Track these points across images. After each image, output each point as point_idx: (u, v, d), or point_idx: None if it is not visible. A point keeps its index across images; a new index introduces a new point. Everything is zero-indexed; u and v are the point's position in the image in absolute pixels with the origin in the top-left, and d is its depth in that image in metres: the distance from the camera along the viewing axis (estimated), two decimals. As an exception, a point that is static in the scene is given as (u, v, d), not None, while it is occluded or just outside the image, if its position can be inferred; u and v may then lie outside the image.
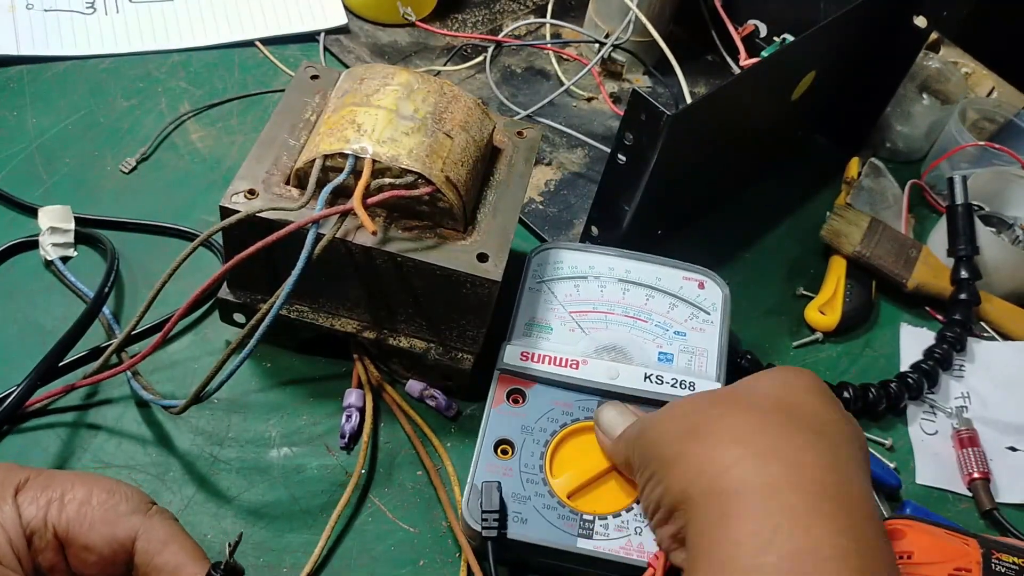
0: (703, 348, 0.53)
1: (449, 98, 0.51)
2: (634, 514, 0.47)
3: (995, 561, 0.46)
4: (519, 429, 0.50)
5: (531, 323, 0.53)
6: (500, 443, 0.49)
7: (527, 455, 0.49)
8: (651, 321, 0.54)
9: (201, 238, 0.47)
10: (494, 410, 0.50)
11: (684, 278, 0.56)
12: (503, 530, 0.46)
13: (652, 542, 0.45)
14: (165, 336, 0.47)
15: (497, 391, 0.51)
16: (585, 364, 0.52)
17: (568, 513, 0.47)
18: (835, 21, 0.59)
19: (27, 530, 0.37)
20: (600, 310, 0.54)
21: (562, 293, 0.55)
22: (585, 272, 0.56)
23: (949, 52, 0.82)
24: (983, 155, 0.72)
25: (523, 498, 0.47)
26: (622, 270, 0.56)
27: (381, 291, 0.50)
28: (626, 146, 0.53)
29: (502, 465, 0.48)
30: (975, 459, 0.57)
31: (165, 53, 0.72)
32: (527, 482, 0.48)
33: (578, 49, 0.78)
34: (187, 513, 0.48)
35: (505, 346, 0.52)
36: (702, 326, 0.54)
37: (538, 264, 0.56)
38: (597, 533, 0.46)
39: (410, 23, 0.76)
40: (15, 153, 0.63)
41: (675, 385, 0.51)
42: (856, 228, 0.66)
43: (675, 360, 0.53)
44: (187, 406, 0.47)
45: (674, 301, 0.55)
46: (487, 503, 0.46)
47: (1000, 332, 0.66)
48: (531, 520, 0.46)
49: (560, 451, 0.49)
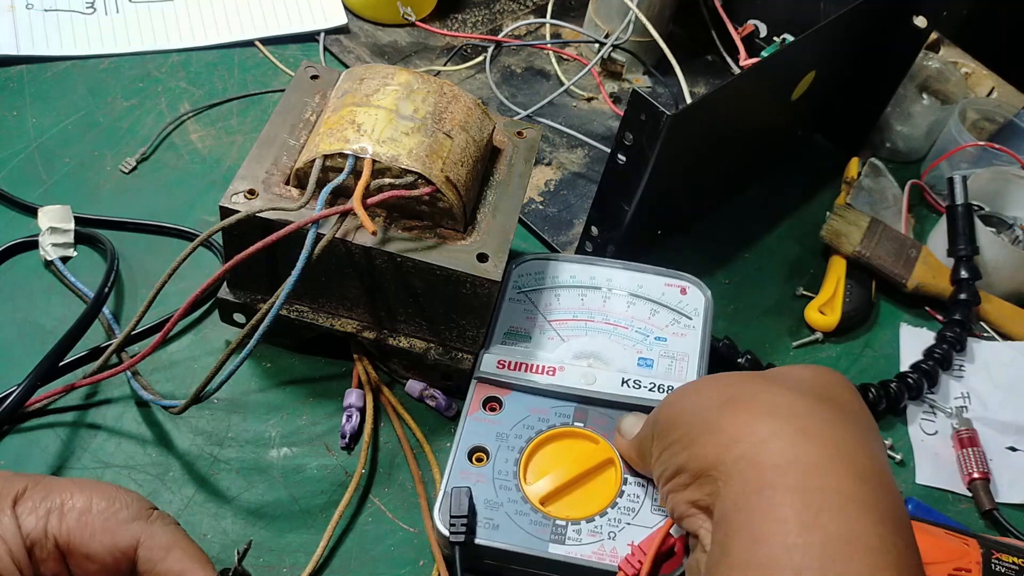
0: (684, 353, 0.53)
1: (449, 98, 0.51)
2: (607, 519, 0.46)
3: (995, 561, 0.46)
4: (494, 436, 0.49)
5: (510, 332, 0.54)
6: (474, 451, 0.49)
7: (501, 462, 0.48)
8: (631, 327, 0.54)
9: (201, 238, 0.47)
10: (470, 418, 0.50)
11: (666, 284, 0.56)
12: (472, 535, 0.45)
13: (625, 546, 0.45)
14: (165, 336, 0.47)
15: (473, 399, 0.51)
16: (561, 371, 0.52)
17: (541, 519, 0.46)
18: (835, 21, 0.59)
19: (27, 541, 0.37)
20: (580, 318, 0.54)
21: (542, 303, 0.55)
22: (566, 282, 0.56)
23: (949, 52, 0.82)
24: (983, 155, 0.72)
25: (495, 504, 0.46)
26: (603, 279, 0.56)
27: (381, 291, 0.50)
28: (626, 146, 0.53)
29: (475, 472, 0.48)
30: (975, 459, 0.57)
31: (165, 53, 0.72)
32: (500, 488, 0.47)
33: (578, 49, 0.78)
34: (187, 513, 0.48)
35: (482, 354, 0.52)
36: (683, 331, 0.54)
37: (519, 275, 0.56)
38: (570, 539, 0.46)
39: (410, 23, 0.76)
40: (15, 153, 0.63)
41: (653, 389, 0.51)
42: (856, 228, 0.66)
43: (655, 365, 0.53)
44: (187, 406, 0.47)
45: (655, 307, 0.55)
46: (456, 508, 0.45)
47: (1000, 332, 0.66)
48: (503, 526, 0.46)
49: (535, 458, 0.49)
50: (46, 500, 0.38)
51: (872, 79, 0.71)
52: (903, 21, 0.66)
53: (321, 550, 0.47)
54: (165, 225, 0.60)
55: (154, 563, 0.38)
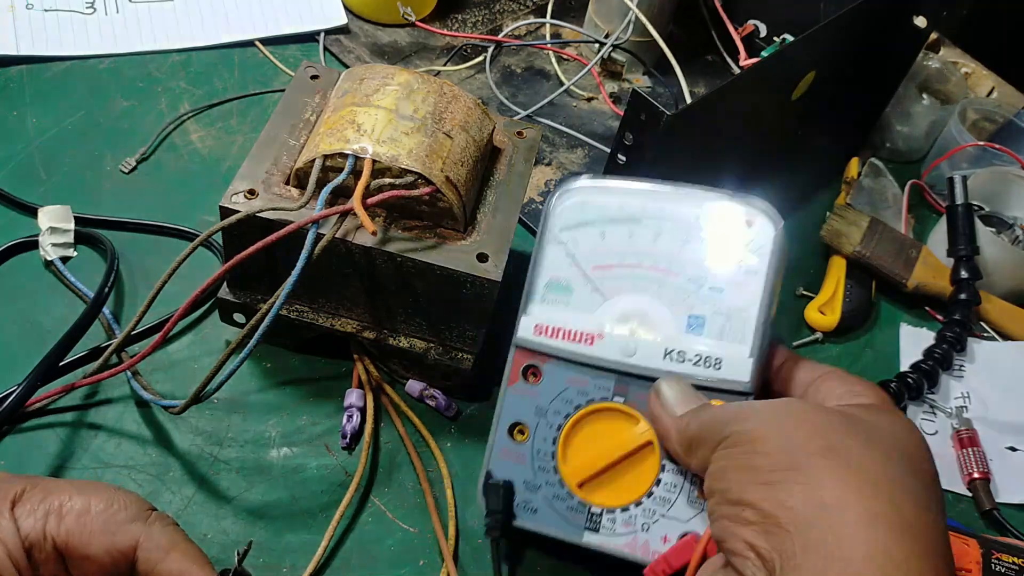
0: (741, 309, 0.45)
1: (449, 98, 0.51)
2: (643, 509, 0.45)
3: (995, 561, 0.46)
4: (533, 411, 0.47)
5: (551, 284, 0.48)
6: (515, 426, 0.47)
7: (540, 440, 0.47)
8: (683, 275, 0.46)
9: (201, 238, 0.47)
10: (510, 389, 0.47)
11: (728, 212, 0.46)
12: (511, 520, 0.46)
13: (657, 540, 0.44)
14: (165, 336, 0.47)
15: (512, 368, 0.47)
16: (600, 339, 0.47)
17: (577, 504, 0.45)
18: (835, 21, 0.59)
19: (26, 543, 0.36)
20: (627, 263, 0.47)
21: (586, 245, 0.47)
22: (614, 214, 0.47)
23: (949, 52, 0.82)
24: (983, 155, 0.72)
25: (534, 487, 0.46)
26: (655, 209, 0.47)
27: (381, 291, 0.50)
28: (626, 146, 0.53)
29: (516, 450, 0.46)
30: (975, 459, 0.57)
31: (165, 53, 0.72)
32: (539, 470, 0.46)
33: (578, 49, 0.78)
34: (187, 513, 0.48)
35: (521, 317, 0.47)
36: (744, 278, 0.45)
37: (561, 209, 0.48)
38: (604, 527, 0.45)
39: (410, 23, 0.76)
40: (15, 153, 0.63)
41: (697, 363, 0.45)
42: (856, 228, 0.66)
43: (706, 325, 0.45)
44: (187, 406, 0.47)
45: (712, 245, 0.46)
46: (493, 503, 0.45)
47: (1000, 332, 0.66)
48: (540, 511, 0.46)
49: (573, 437, 0.46)
50: (44, 502, 0.38)
51: (872, 79, 0.71)
52: (903, 21, 0.66)
53: (322, 551, 0.47)
54: (165, 225, 0.60)
55: (153, 564, 0.38)
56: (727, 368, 0.44)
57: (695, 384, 0.44)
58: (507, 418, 0.47)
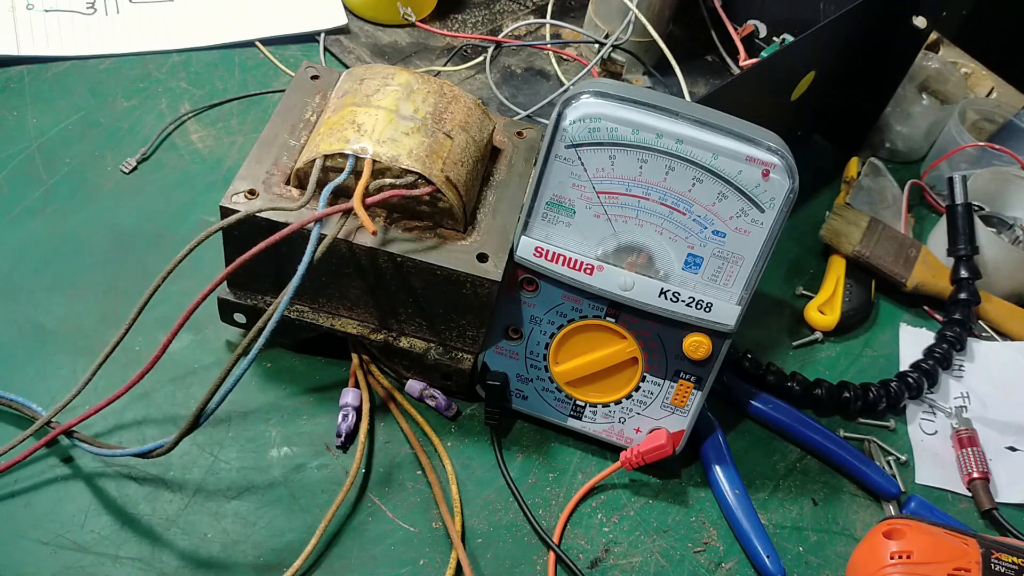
0: (740, 255, 0.46)
1: (449, 98, 0.51)
2: (621, 407, 0.52)
3: (995, 561, 0.46)
4: (528, 318, 0.51)
5: (553, 202, 0.46)
6: (509, 326, 0.51)
7: (533, 344, 0.51)
8: (690, 214, 0.45)
9: (200, 238, 0.47)
10: (507, 293, 0.50)
11: (748, 158, 0.44)
12: (507, 404, 0.54)
13: (632, 430, 0.52)
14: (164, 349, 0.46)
15: (510, 279, 0.49)
16: (600, 271, 0.47)
17: (564, 397, 0.53)
18: (835, 21, 0.59)
19: None
20: (634, 193, 0.46)
21: (594, 165, 0.45)
22: (626, 138, 0.45)
23: (949, 52, 0.82)
24: (983, 155, 0.72)
25: (526, 379, 0.53)
26: (672, 139, 0.44)
27: (381, 291, 0.50)
28: (626, 146, 0.53)
29: (511, 348, 0.52)
30: (975, 459, 0.57)
31: (165, 53, 0.72)
32: (531, 367, 0.52)
33: (578, 49, 0.78)
34: (187, 513, 0.48)
35: (521, 235, 0.48)
36: (749, 227, 0.45)
37: (572, 122, 0.45)
38: (586, 417, 0.53)
39: (410, 23, 0.76)
40: (15, 153, 0.63)
41: (690, 305, 0.47)
42: (855, 228, 0.66)
43: (703, 266, 0.46)
44: (174, 445, 0.45)
45: (725, 190, 0.45)
46: (490, 402, 0.52)
47: (1000, 332, 0.66)
48: (531, 398, 0.53)
49: (565, 344, 0.51)
50: None
51: (872, 79, 0.71)
52: (903, 21, 0.66)
53: (312, 547, 0.47)
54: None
55: None
56: (716, 312, 0.48)
57: (686, 323, 0.48)
58: (503, 320, 0.51)
